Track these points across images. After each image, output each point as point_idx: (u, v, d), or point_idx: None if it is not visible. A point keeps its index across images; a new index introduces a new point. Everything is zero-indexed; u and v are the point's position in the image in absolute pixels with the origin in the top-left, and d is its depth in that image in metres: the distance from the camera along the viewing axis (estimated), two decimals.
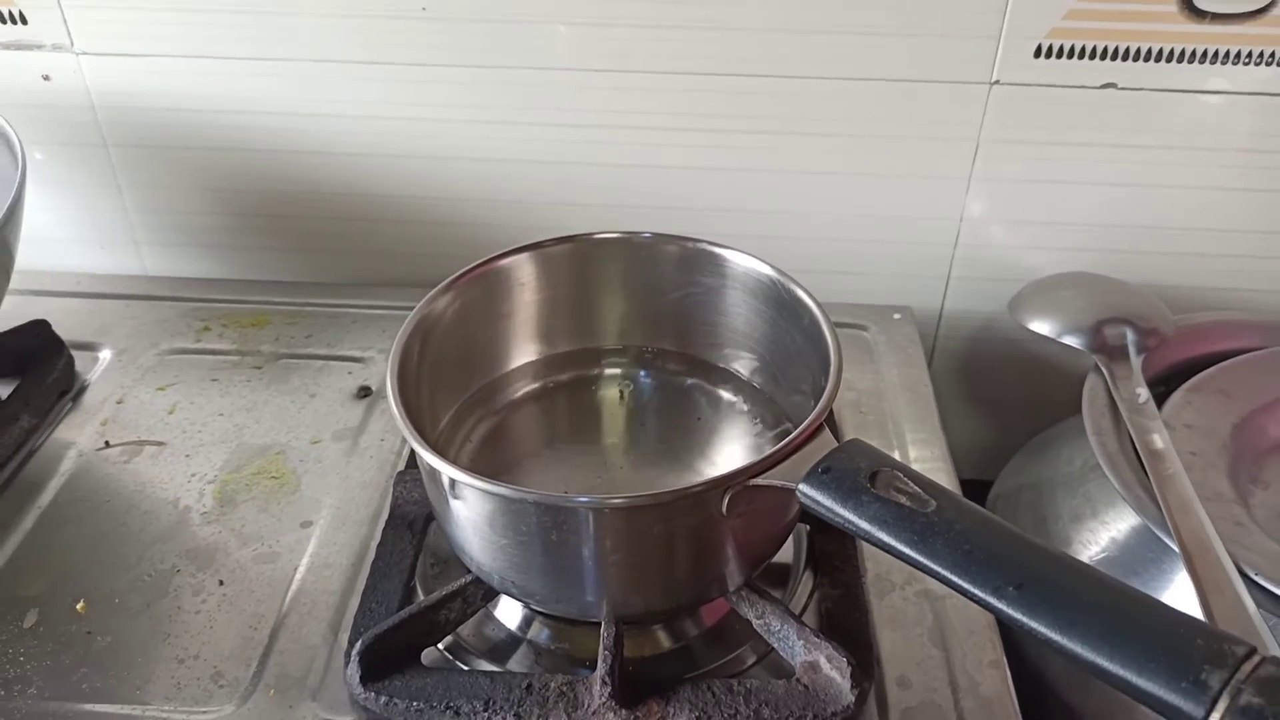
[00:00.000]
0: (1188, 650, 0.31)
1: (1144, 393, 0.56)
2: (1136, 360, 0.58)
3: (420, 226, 0.71)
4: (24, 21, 0.65)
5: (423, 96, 0.66)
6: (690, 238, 0.53)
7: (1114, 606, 0.32)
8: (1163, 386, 0.59)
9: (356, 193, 0.71)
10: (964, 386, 0.75)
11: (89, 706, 0.45)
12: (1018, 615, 0.33)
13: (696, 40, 0.63)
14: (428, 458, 0.41)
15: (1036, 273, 0.68)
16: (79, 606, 0.50)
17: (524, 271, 0.53)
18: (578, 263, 0.54)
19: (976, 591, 0.34)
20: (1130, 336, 0.59)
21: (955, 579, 0.34)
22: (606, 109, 0.66)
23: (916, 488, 0.37)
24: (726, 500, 0.40)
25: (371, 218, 0.72)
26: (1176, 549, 0.47)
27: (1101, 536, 0.54)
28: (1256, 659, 0.30)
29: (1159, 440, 0.53)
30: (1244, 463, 0.55)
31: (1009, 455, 0.66)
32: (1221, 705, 0.29)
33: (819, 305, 0.48)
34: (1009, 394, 0.74)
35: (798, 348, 0.50)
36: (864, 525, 0.37)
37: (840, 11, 0.61)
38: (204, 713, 0.45)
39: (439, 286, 0.50)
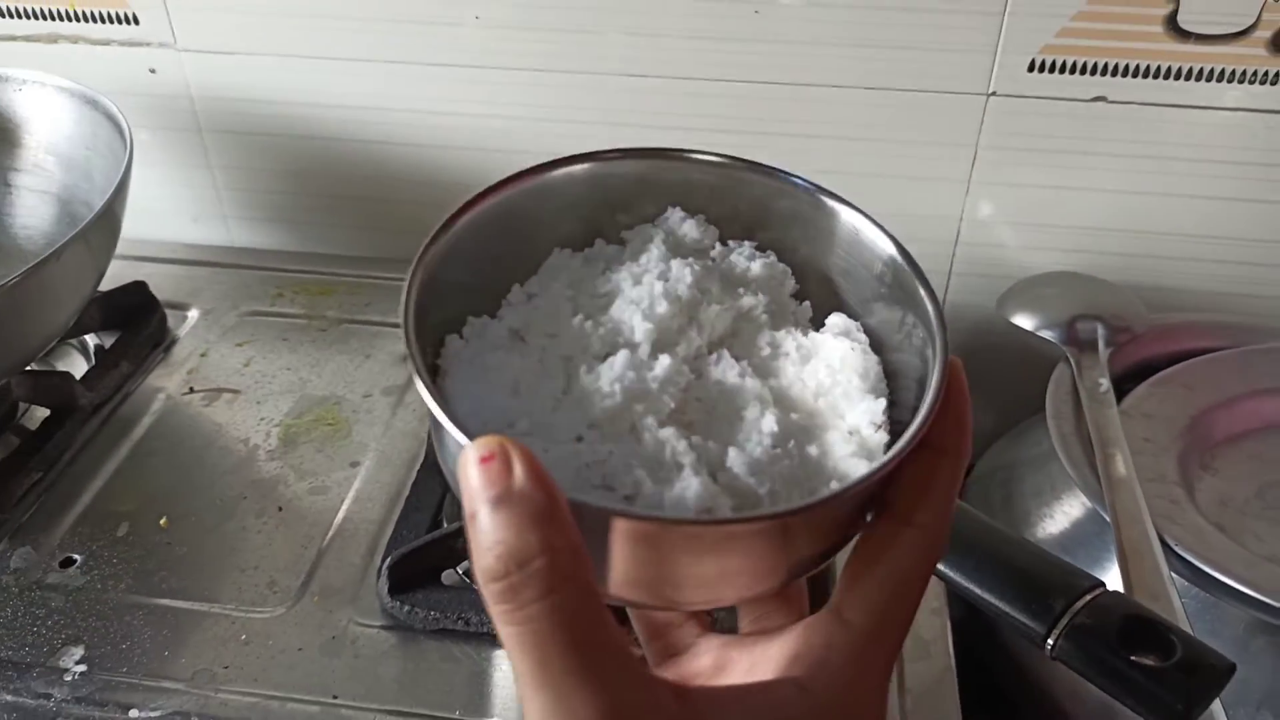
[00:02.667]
0: (1043, 582, 0.37)
1: (1105, 383, 0.61)
2: (1104, 353, 0.63)
3: None
4: (136, 22, 0.74)
5: (486, 96, 0.74)
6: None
7: (990, 546, 0.39)
8: (1135, 381, 0.64)
9: (419, 180, 0.79)
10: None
11: (167, 602, 0.54)
12: None
13: (703, 50, 0.69)
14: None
15: (1033, 270, 0.73)
16: (162, 522, 0.59)
17: None
18: None
19: None
20: (1101, 331, 0.64)
21: None
22: (641, 110, 0.73)
23: None
24: None
25: (432, 203, 0.80)
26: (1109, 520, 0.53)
27: (1057, 511, 0.60)
28: (1098, 590, 0.36)
29: (1110, 424, 0.58)
30: (1196, 450, 0.60)
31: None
32: (1061, 624, 0.35)
33: None
34: (1002, 382, 0.79)
35: None
36: None
37: (846, 26, 0.67)
38: (260, 611, 0.54)
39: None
